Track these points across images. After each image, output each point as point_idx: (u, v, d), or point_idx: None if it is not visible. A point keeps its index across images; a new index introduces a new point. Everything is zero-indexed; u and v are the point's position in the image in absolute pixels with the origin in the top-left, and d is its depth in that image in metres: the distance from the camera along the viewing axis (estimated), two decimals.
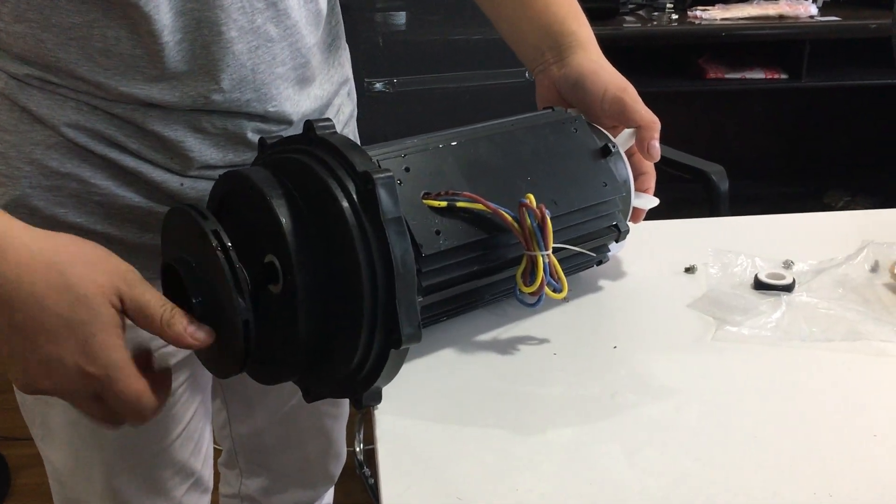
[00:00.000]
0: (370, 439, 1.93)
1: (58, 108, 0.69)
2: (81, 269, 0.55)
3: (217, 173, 0.74)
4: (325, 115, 0.84)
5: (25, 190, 0.70)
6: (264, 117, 0.74)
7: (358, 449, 1.90)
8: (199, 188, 0.74)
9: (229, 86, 0.70)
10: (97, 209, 0.72)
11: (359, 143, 0.96)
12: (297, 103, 0.77)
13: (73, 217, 0.72)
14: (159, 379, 0.59)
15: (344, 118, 0.89)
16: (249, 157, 0.74)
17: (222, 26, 0.68)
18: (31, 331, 0.54)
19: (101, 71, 0.67)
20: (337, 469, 1.16)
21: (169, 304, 0.57)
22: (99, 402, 0.58)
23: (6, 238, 0.54)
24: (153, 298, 0.57)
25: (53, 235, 0.57)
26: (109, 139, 0.70)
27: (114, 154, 0.71)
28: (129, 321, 0.57)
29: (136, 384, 0.56)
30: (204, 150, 0.73)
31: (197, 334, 0.58)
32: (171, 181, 0.73)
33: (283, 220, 0.55)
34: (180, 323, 0.57)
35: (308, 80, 0.78)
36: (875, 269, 0.81)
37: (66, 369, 0.55)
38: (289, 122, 0.76)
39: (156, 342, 0.61)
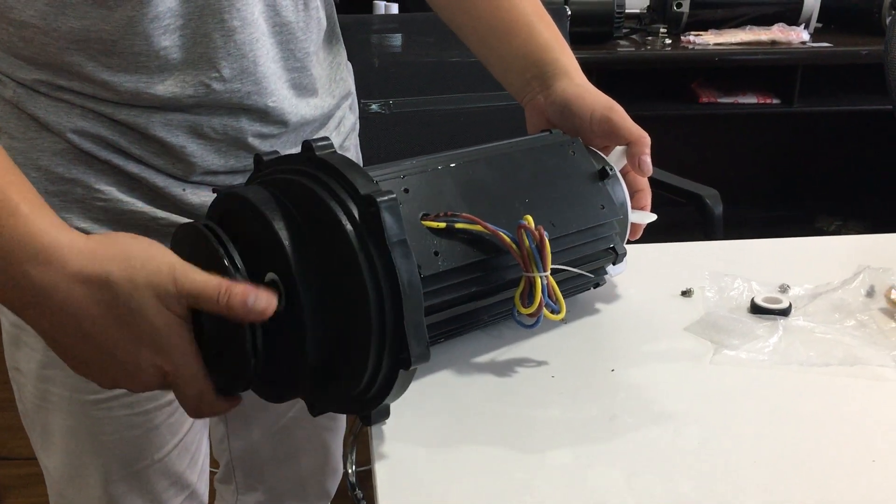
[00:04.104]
0: (363, 461, 1.91)
1: (64, 115, 0.71)
2: (128, 287, 0.55)
3: (219, 179, 0.76)
4: (327, 126, 0.86)
5: None
6: (264, 115, 0.75)
7: (350, 471, 1.89)
8: (200, 194, 0.75)
9: (230, 74, 0.72)
10: (101, 214, 0.74)
11: (360, 155, 0.97)
12: (295, 106, 0.78)
13: (79, 222, 0.73)
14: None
15: (346, 130, 0.90)
16: (251, 162, 0.75)
17: (224, 14, 0.70)
18: (103, 343, 0.56)
19: (104, 70, 0.69)
20: (333, 485, 1.15)
21: (224, 282, 0.55)
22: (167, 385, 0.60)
23: (57, 251, 0.55)
24: (205, 282, 0.56)
25: (99, 245, 0.56)
26: (114, 145, 0.72)
27: (118, 160, 0.73)
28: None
29: (198, 385, 0.59)
30: (206, 156, 0.74)
31: (259, 303, 0.55)
32: (174, 186, 0.75)
33: (286, 243, 0.55)
34: (240, 295, 0.55)
35: (307, 88, 0.80)
36: (871, 293, 0.81)
37: (144, 371, 0.58)
38: (286, 124, 0.78)
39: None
